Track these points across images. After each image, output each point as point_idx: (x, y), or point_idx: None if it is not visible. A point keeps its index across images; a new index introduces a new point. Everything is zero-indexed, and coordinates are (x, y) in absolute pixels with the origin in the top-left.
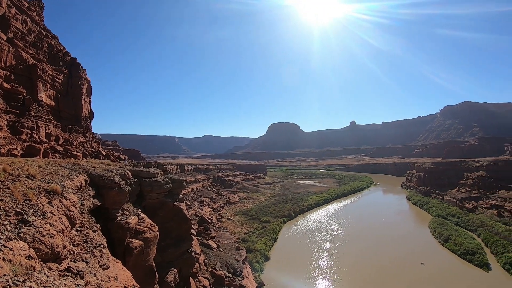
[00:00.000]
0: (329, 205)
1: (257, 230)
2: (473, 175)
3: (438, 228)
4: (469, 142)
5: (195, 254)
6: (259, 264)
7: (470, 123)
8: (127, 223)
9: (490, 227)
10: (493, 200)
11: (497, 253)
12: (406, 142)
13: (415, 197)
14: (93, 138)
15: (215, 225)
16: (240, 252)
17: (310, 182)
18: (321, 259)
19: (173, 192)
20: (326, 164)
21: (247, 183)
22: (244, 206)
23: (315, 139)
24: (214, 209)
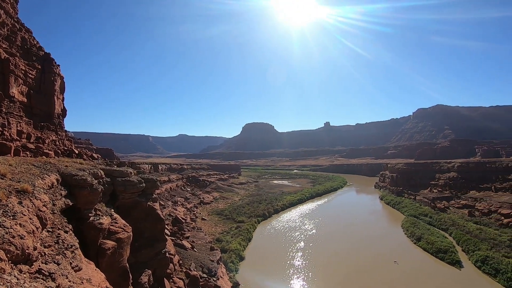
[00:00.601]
0: (303, 205)
1: (232, 230)
2: (444, 176)
3: (410, 228)
4: (441, 144)
5: (169, 255)
6: (233, 264)
7: (442, 125)
8: (100, 224)
9: (462, 226)
10: (464, 200)
11: (468, 251)
12: (380, 143)
13: (388, 197)
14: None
15: (189, 225)
16: (215, 252)
17: (285, 182)
18: (296, 259)
19: (147, 192)
20: (300, 164)
21: (222, 183)
22: (219, 206)
23: (290, 140)
24: (188, 209)
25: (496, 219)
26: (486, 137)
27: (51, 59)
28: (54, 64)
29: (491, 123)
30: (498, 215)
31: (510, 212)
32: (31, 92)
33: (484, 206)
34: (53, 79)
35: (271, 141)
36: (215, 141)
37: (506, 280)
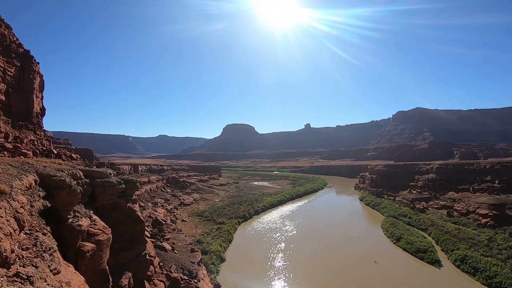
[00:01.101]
0: (283, 206)
1: (212, 231)
2: (423, 178)
3: (390, 228)
4: (420, 146)
5: (150, 257)
6: (214, 266)
7: (422, 128)
8: (79, 226)
9: (441, 226)
10: (443, 201)
11: (447, 250)
12: (360, 145)
13: (368, 198)
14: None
15: (170, 227)
16: (195, 254)
17: (265, 183)
18: (277, 260)
19: (126, 193)
20: (280, 165)
21: (202, 184)
22: (199, 207)
23: (271, 141)
24: (168, 210)
25: (474, 219)
26: (465, 140)
27: (31, 56)
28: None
29: (469, 126)
30: (476, 215)
31: (488, 212)
32: (10, 90)
33: (463, 206)
34: (32, 77)
35: (252, 142)
36: (196, 142)
37: (485, 279)
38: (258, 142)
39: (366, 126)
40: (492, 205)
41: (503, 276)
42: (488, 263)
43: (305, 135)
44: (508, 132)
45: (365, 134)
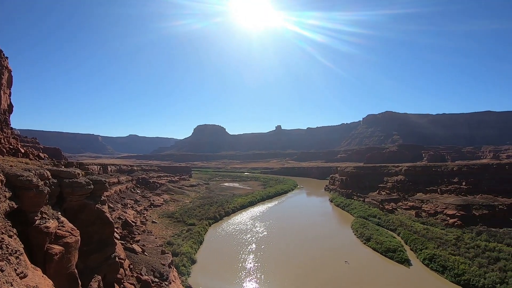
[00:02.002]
0: (254, 207)
1: (183, 233)
2: (392, 179)
3: (360, 228)
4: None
5: (120, 259)
6: (185, 268)
7: (391, 131)
8: (46, 227)
9: (409, 226)
10: (412, 202)
11: (416, 250)
12: (330, 147)
13: (338, 199)
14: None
15: (140, 229)
16: (166, 255)
17: (236, 184)
18: (248, 261)
19: (95, 194)
20: (251, 167)
21: (172, 185)
22: (169, 208)
23: (241, 142)
24: (138, 211)
25: (442, 219)
26: (433, 143)
27: None
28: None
29: (437, 130)
30: (444, 215)
31: (455, 212)
32: None
33: (431, 207)
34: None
35: (222, 143)
36: (166, 142)
37: (453, 276)
38: (229, 143)
39: (336, 128)
40: (459, 206)
41: (471, 274)
42: (456, 261)
43: (276, 136)
44: (475, 136)
45: (335, 137)
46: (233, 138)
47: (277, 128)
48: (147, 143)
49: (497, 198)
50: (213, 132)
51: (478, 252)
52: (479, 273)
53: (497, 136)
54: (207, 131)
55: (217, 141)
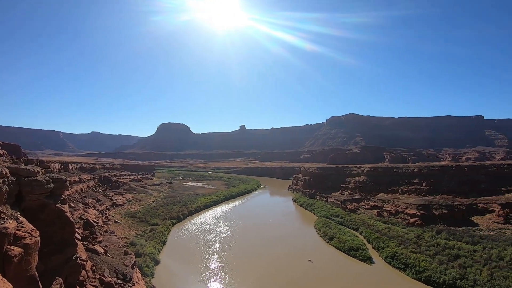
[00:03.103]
0: (217, 207)
1: (146, 233)
2: (355, 180)
3: (323, 228)
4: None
5: (81, 261)
6: (149, 269)
7: (354, 133)
8: (5, 228)
9: (371, 225)
10: (373, 202)
11: (378, 248)
12: (294, 147)
13: (301, 199)
14: None
15: (102, 229)
16: (129, 256)
17: (199, 184)
18: (212, 261)
19: (56, 193)
20: (214, 166)
21: (135, 184)
22: (132, 208)
23: (205, 141)
24: (100, 211)
25: (403, 218)
26: (395, 145)
27: None
28: None
29: (399, 132)
30: (404, 215)
31: (416, 212)
32: None
33: (392, 207)
34: None
35: (186, 142)
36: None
37: (415, 273)
38: (193, 142)
39: (300, 129)
40: (419, 206)
41: (432, 271)
42: (417, 259)
43: (240, 136)
44: (435, 139)
45: (299, 137)
46: (197, 137)
47: (241, 128)
48: (109, 140)
49: (456, 198)
50: (177, 131)
51: (438, 249)
52: (440, 269)
53: (457, 140)
54: (171, 130)
55: (181, 140)
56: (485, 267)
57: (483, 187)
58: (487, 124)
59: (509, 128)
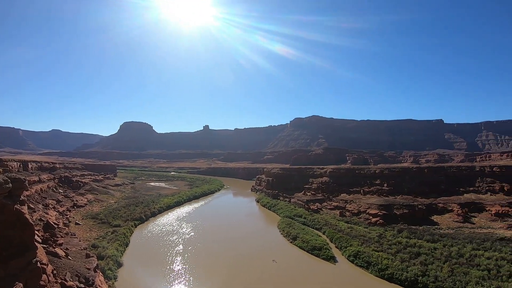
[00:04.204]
0: (180, 208)
1: (108, 234)
2: (318, 180)
3: (286, 228)
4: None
5: (42, 265)
6: (112, 272)
7: (317, 134)
8: None
9: (334, 225)
10: (336, 202)
11: (341, 247)
12: (257, 148)
13: (264, 199)
14: None
15: (62, 231)
16: (91, 259)
17: (162, 184)
18: (176, 263)
19: (14, 194)
20: (178, 166)
21: (96, 184)
22: (93, 209)
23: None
24: (60, 212)
25: (365, 218)
26: (357, 147)
27: None
28: None
29: (361, 135)
30: (366, 215)
31: (377, 212)
32: None
33: (354, 207)
34: None
35: (149, 141)
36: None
37: (377, 271)
38: (156, 141)
39: (264, 130)
40: (381, 206)
41: (394, 268)
42: (379, 257)
43: (204, 136)
44: (396, 141)
45: (262, 138)
46: (160, 136)
47: (205, 128)
48: (71, 139)
49: (417, 198)
50: (140, 130)
51: (400, 248)
52: (402, 267)
53: (418, 143)
54: (134, 129)
55: (144, 139)
56: (446, 264)
57: (442, 188)
58: (446, 128)
59: (467, 132)
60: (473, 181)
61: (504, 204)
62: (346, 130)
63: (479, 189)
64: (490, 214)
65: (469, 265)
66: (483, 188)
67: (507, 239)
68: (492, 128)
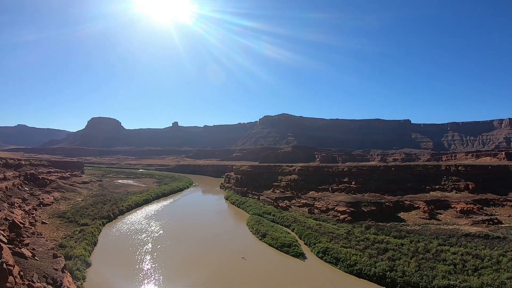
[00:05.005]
0: (149, 206)
1: (75, 234)
2: (286, 178)
3: (255, 225)
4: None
5: (8, 266)
6: (80, 272)
7: (286, 132)
8: None
9: (303, 222)
10: (305, 199)
11: (310, 244)
12: (226, 146)
13: (233, 197)
14: None
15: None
16: (59, 259)
17: (130, 181)
18: (145, 262)
19: None
20: (146, 163)
21: (63, 181)
22: (60, 207)
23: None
24: (26, 211)
25: (334, 215)
26: (326, 145)
27: None
28: None
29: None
30: (335, 212)
31: (345, 209)
32: None
33: (322, 204)
34: None
35: (117, 138)
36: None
37: (346, 267)
38: (125, 138)
39: (233, 127)
40: (349, 203)
41: (362, 264)
42: (348, 253)
43: (173, 133)
44: (364, 140)
45: (232, 136)
46: (129, 133)
47: (174, 125)
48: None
49: (384, 196)
50: (108, 126)
51: (368, 244)
52: (370, 262)
53: (385, 142)
54: (102, 125)
55: (112, 136)
56: (413, 259)
57: (409, 186)
58: (414, 128)
59: (434, 132)
60: (439, 179)
61: (469, 201)
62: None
63: (444, 187)
64: (455, 211)
65: (436, 260)
66: (448, 186)
67: (472, 235)
68: (458, 129)
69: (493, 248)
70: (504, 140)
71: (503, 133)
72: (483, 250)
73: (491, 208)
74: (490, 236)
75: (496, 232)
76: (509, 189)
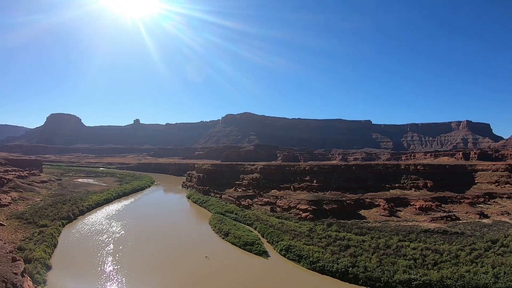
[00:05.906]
0: (110, 205)
1: (34, 235)
2: (248, 177)
3: (218, 224)
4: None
5: None
6: (40, 275)
7: (248, 131)
8: None
9: (265, 220)
10: (267, 198)
11: (273, 242)
12: (188, 144)
13: (195, 196)
14: None
15: None
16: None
17: (90, 180)
18: (107, 264)
19: None
20: (106, 162)
21: (21, 181)
22: (18, 208)
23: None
24: None
25: (296, 213)
26: (288, 144)
27: None
28: None
29: (292, 133)
30: (297, 210)
31: (307, 207)
32: None
33: (284, 203)
34: None
35: (78, 135)
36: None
37: (309, 264)
38: (85, 135)
39: (195, 125)
40: (311, 201)
41: (325, 261)
42: (310, 250)
43: (134, 131)
44: (325, 140)
45: (194, 134)
46: (89, 130)
47: (135, 122)
48: None
49: (345, 194)
50: (68, 123)
51: (330, 241)
52: (332, 259)
53: (346, 141)
54: (61, 121)
55: (72, 133)
56: (374, 255)
57: (369, 184)
58: (374, 128)
59: (393, 132)
60: (398, 178)
61: (428, 199)
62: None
63: (404, 185)
64: (414, 208)
65: (396, 256)
66: (408, 184)
67: (430, 231)
68: (417, 129)
69: (451, 243)
70: (461, 141)
71: (461, 134)
72: (442, 245)
73: (449, 205)
74: (448, 231)
75: (454, 228)
76: (466, 187)
